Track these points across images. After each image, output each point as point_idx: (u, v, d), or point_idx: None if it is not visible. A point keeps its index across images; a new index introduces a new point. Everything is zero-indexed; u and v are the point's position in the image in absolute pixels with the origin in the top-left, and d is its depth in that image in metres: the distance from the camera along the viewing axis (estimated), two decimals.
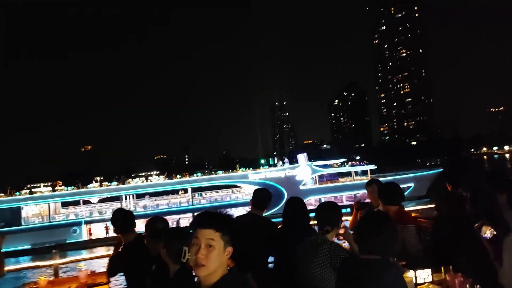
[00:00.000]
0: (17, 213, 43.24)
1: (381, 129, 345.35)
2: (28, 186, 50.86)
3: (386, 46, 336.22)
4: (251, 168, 54.07)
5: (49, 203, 45.02)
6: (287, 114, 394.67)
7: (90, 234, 44.11)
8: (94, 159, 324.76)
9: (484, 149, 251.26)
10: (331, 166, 51.05)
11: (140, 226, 5.15)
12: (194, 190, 48.68)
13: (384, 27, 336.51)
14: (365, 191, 6.49)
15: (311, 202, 48.70)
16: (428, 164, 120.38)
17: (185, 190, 53.66)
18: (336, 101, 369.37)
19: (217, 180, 49.14)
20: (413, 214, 6.18)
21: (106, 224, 44.42)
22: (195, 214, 2.63)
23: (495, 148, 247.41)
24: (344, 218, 6.81)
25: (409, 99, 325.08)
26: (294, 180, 47.14)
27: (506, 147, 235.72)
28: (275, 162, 51.27)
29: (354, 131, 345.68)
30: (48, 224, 43.46)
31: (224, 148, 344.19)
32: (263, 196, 5.31)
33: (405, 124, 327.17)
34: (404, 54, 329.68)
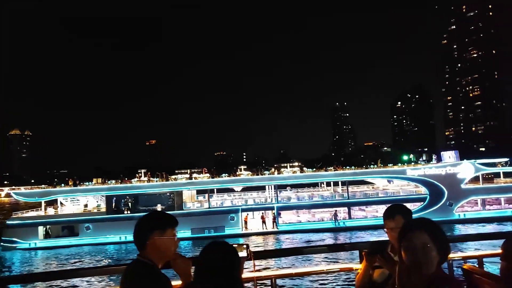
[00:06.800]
0: (179, 198, 43.35)
1: (446, 134, 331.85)
2: (186, 171, 51.25)
3: (455, 46, 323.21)
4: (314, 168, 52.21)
5: (208, 189, 45.08)
6: (347, 115, 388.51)
7: (246, 222, 43.55)
8: (158, 153, 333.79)
9: None
10: (494, 165, 47.84)
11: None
12: (345, 183, 47.03)
13: (454, 27, 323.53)
14: None
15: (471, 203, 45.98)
16: None
17: (328, 184, 52.46)
18: (399, 103, 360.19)
19: (372, 175, 47.30)
20: (465, 266, 3.53)
21: (262, 213, 43.80)
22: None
23: None
24: (355, 266, 4.35)
25: (479, 103, 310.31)
26: (455, 178, 44.34)
27: None
28: (424, 158, 48.58)
29: (417, 135, 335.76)
30: (207, 210, 43.24)
31: (282, 147, 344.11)
32: (143, 225, 2.82)
33: (473, 129, 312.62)
34: (475, 55, 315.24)
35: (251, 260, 3.23)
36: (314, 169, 50.70)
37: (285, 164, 57.65)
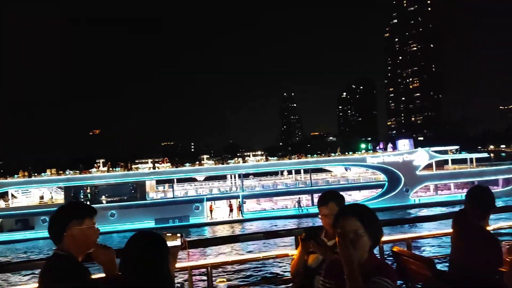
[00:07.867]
0: (142, 188, 42.18)
1: (388, 123, 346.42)
2: (147, 160, 49.74)
3: (397, 39, 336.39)
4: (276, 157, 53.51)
5: (171, 179, 44.22)
6: (294, 105, 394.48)
7: (211, 211, 43.28)
8: (102, 143, 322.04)
9: (491, 146, 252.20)
10: (446, 152, 50.66)
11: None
12: (308, 171, 47.90)
13: (396, 20, 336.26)
14: (484, 178, 4.27)
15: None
16: None
17: (289, 172, 53.19)
18: (344, 94, 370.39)
19: (334, 162, 48.47)
20: (395, 248, 3.97)
21: (230, 201, 43.69)
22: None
23: (502, 146, 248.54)
24: (290, 252, 4.47)
25: (418, 94, 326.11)
26: (411, 166, 46.51)
27: None
28: (381, 147, 50.62)
29: (360, 125, 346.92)
30: (172, 200, 42.45)
31: (230, 137, 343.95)
32: (59, 216, 2.66)
33: (413, 119, 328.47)
34: (414, 48, 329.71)
35: (186, 249, 3.10)
36: (277, 158, 51.26)
37: (248, 153, 57.99)
